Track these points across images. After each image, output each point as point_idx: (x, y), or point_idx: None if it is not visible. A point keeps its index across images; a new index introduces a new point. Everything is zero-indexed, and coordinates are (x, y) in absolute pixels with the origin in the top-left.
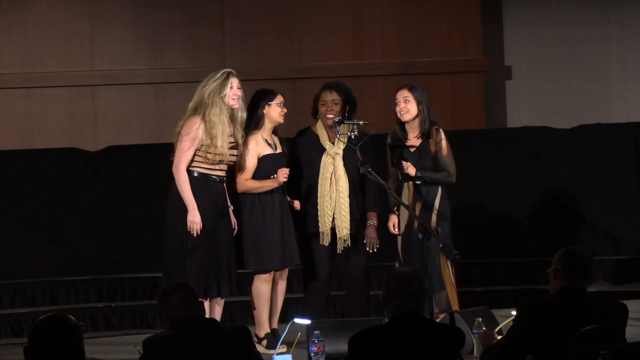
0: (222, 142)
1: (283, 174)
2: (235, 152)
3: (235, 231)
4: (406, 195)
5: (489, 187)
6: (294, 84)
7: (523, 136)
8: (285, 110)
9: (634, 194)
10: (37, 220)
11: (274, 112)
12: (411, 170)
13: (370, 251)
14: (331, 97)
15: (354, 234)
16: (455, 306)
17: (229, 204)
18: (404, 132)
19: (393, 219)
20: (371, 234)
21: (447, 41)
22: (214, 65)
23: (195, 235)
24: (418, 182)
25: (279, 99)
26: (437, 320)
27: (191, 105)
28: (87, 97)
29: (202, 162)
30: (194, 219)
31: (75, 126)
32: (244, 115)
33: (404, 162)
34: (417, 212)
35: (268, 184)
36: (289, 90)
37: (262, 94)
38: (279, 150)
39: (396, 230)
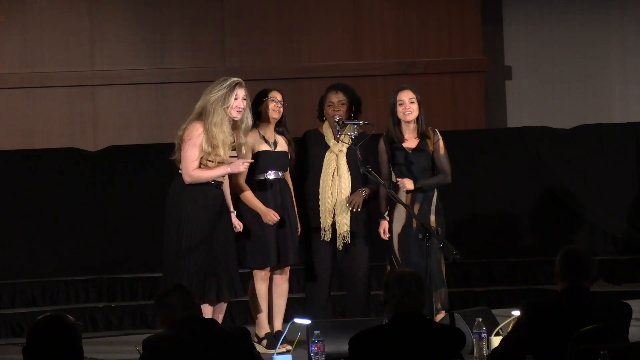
0: (224, 152)
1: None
2: (234, 154)
3: (240, 228)
4: (403, 194)
5: (489, 187)
6: (294, 84)
7: (523, 136)
8: (279, 106)
9: (634, 194)
10: (37, 220)
11: (266, 107)
12: (409, 185)
13: (352, 209)
14: (337, 98)
15: (355, 231)
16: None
17: (232, 209)
18: (401, 134)
19: (384, 224)
20: (356, 197)
21: (447, 41)
22: (214, 65)
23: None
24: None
25: (272, 95)
26: (438, 318)
27: (197, 106)
28: (87, 97)
29: (201, 167)
30: (237, 166)
31: (75, 126)
32: (249, 122)
33: (399, 180)
34: (416, 212)
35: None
36: (289, 90)
37: (259, 93)
38: (279, 148)
39: (387, 236)
